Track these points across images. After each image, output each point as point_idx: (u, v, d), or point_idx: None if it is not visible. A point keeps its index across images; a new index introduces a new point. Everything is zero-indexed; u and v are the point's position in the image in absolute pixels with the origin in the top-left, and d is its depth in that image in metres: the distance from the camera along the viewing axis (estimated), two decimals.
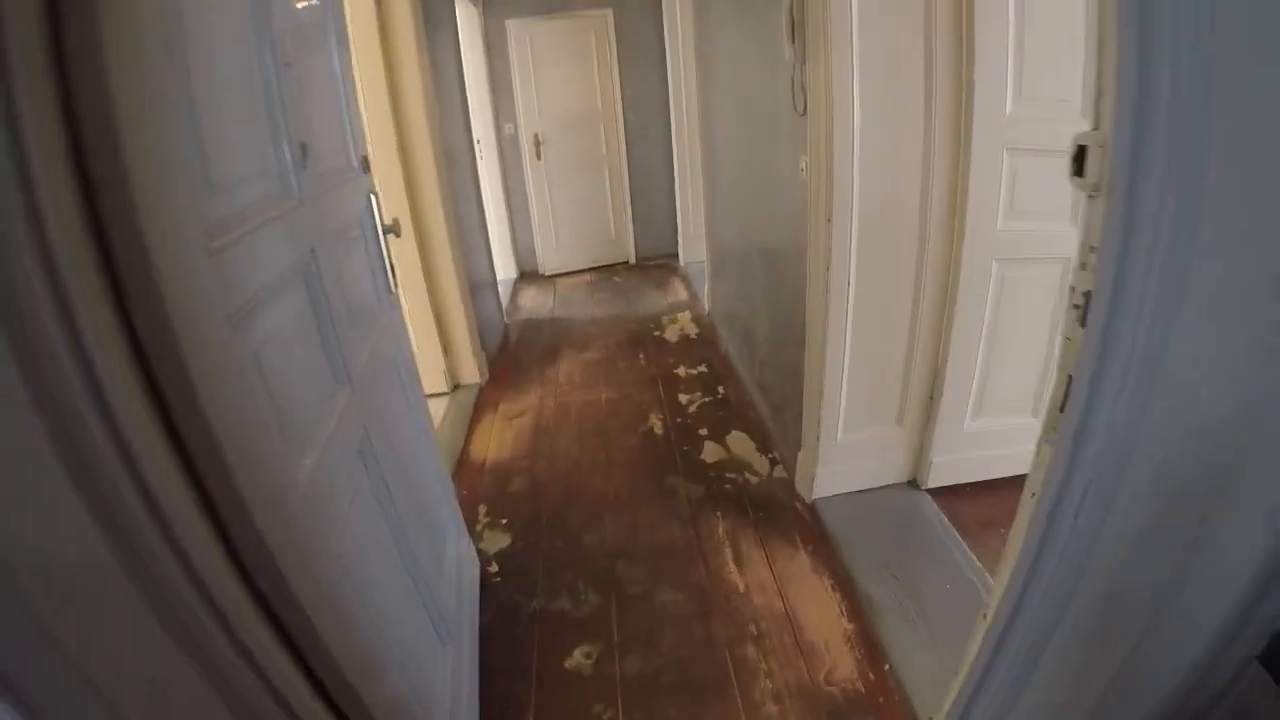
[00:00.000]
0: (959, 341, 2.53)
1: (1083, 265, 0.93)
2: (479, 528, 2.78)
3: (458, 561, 2.22)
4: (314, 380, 1.19)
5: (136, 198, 0.71)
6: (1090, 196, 0.91)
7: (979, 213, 2.31)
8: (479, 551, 2.62)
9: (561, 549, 2.64)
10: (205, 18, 0.92)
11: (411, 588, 1.65)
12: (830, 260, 2.30)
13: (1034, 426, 2.85)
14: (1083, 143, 0.91)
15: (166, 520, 0.75)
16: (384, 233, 1.74)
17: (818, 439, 2.66)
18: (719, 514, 2.78)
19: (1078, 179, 0.93)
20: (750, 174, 3.21)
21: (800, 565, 2.51)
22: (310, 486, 1.09)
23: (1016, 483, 2.77)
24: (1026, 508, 1.15)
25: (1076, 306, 0.96)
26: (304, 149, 1.17)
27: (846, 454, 2.73)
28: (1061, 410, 1.02)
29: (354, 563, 1.26)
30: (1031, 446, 2.66)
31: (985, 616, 1.33)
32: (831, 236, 2.26)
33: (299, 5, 1.33)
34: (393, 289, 1.81)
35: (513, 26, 5.21)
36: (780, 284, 2.93)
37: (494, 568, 2.57)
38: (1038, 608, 1.16)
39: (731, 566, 2.51)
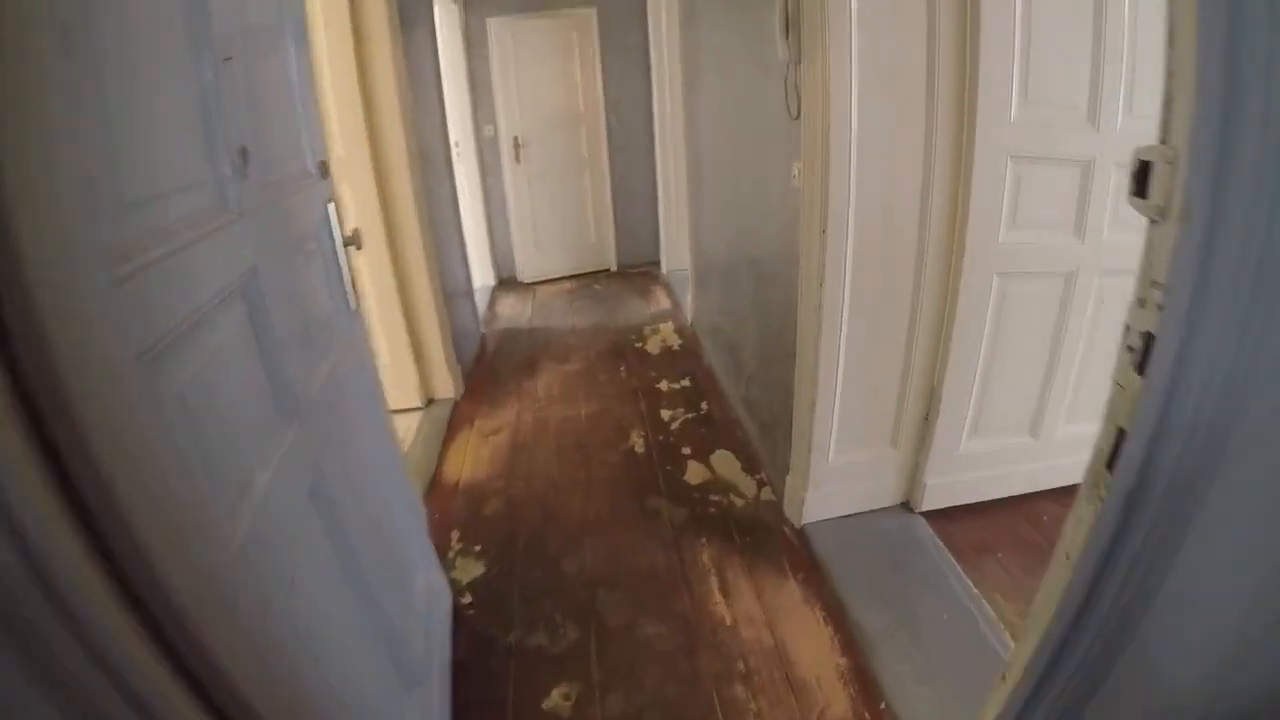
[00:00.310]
0: (957, 360, 2.43)
1: (1142, 302, 0.81)
2: (451, 555, 2.63)
3: (428, 595, 2.07)
4: (255, 418, 1.04)
5: (17, 222, 0.57)
6: (1154, 221, 0.78)
7: (981, 224, 2.20)
8: (451, 581, 2.47)
9: (539, 577, 2.50)
10: (121, 5, 0.78)
11: (373, 636, 1.51)
12: (824, 275, 2.18)
13: (1030, 446, 2.77)
14: (1146, 158, 0.78)
15: (69, 609, 0.61)
16: (344, 244, 1.59)
17: (808, 461, 2.54)
18: (704, 539, 2.65)
19: (1139, 200, 0.80)
20: (737, 181, 3.10)
21: (790, 595, 2.38)
22: (250, 542, 0.94)
23: (1010, 504, 2.72)
24: (1060, 572, 1.02)
25: (1131, 349, 0.83)
26: (244, 155, 1.03)
27: (838, 477, 2.61)
28: (1109, 467, 0.89)
29: (304, 620, 1.12)
30: (1029, 467, 2.54)
31: (1004, 679, 1.21)
32: (826, 249, 2.14)
33: None
34: (353, 306, 1.66)
35: (494, 25, 5.06)
36: (769, 298, 2.81)
37: (467, 598, 2.42)
38: (1070, 678, 1.04)
39: (718, 596, 2.38)
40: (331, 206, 1.56)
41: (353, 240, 1.65)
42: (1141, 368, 0.81)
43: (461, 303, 4.25)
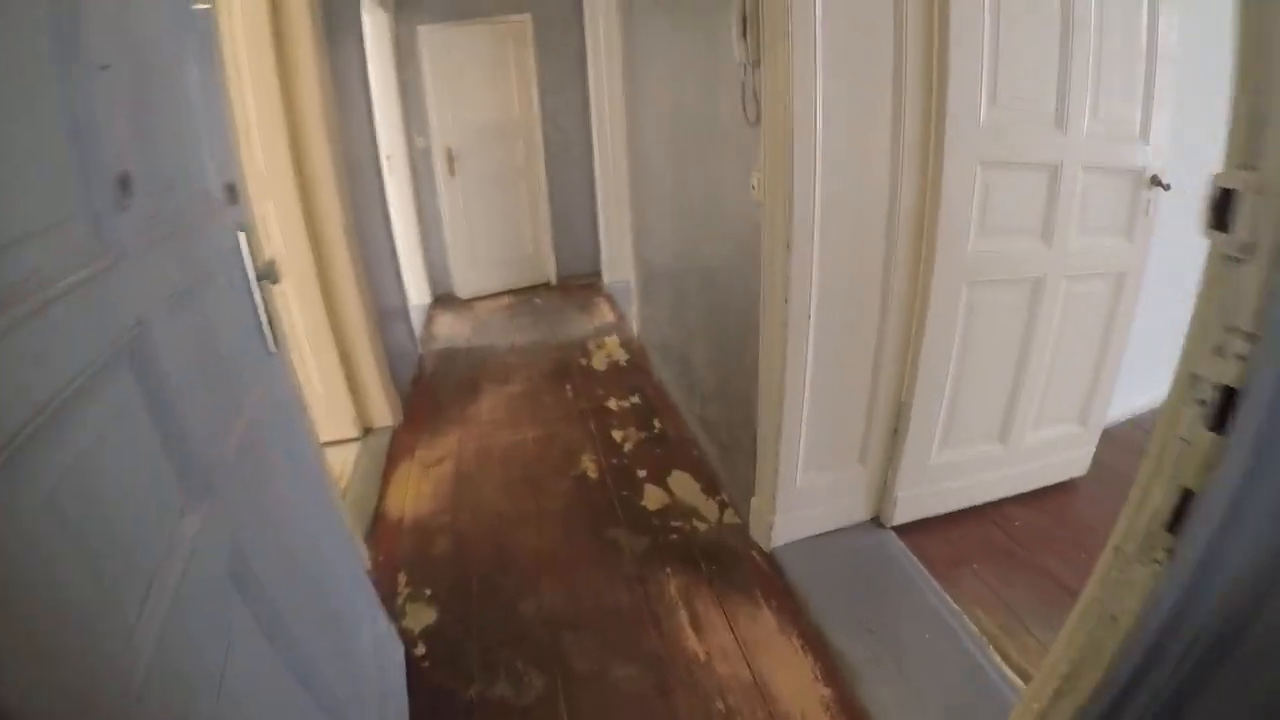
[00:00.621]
0: (926, 372, 2.35)
1: (1218, 350, 0.69)
2: (400, 600, 2.42)
3: (376, 652, 1.87)
4: (155, 504, 0.85)
5: None
6: (1237, 259, 0.66)
7: (950, 232, 2.11)
8: (401, 630, 2.26)
9: (496, 622, 2.31)
10: None
11: (319, 714, 1.31)
12: (789, 292, 2.05)
13: (999, 454, 2.70)
14: (1229, 185, 0.65)
15: None
16: (257, 279, 1.39)
17: (775, 485, 2.41)
18: (668, 569, 2.50)
19: (1218, 234, 0.68)
20: (686, 191, 2.96)
21: (764, 625, 2.26)
22: (161, 656, 0.76)
23: (980, 512, 2.62)
24: (1106, 633, 0.90)
25: (1202, 402, 0.71)
26: (125, 182, 0.83)
27: (806, 498, 2.50)
28: (1171, 530, 0.78)
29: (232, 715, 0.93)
30: (997, 474, 2.46)
31: None
32: (790, 265, 2.02)
33: None
34: (272, 348, 1.45)
35: (425, 32, 4.82)
36: (725, 313, 2.68)
37: (420, 649, 2.21)
38: None
39: (689, 631, 2.24)
40: (242, 236, 1.36)
41: (268, 274, 1.44)
42: (1218, 425, 0.68)
43: (397, 323, 4.02)
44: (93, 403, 0.74)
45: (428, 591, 2.45)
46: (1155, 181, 2.38)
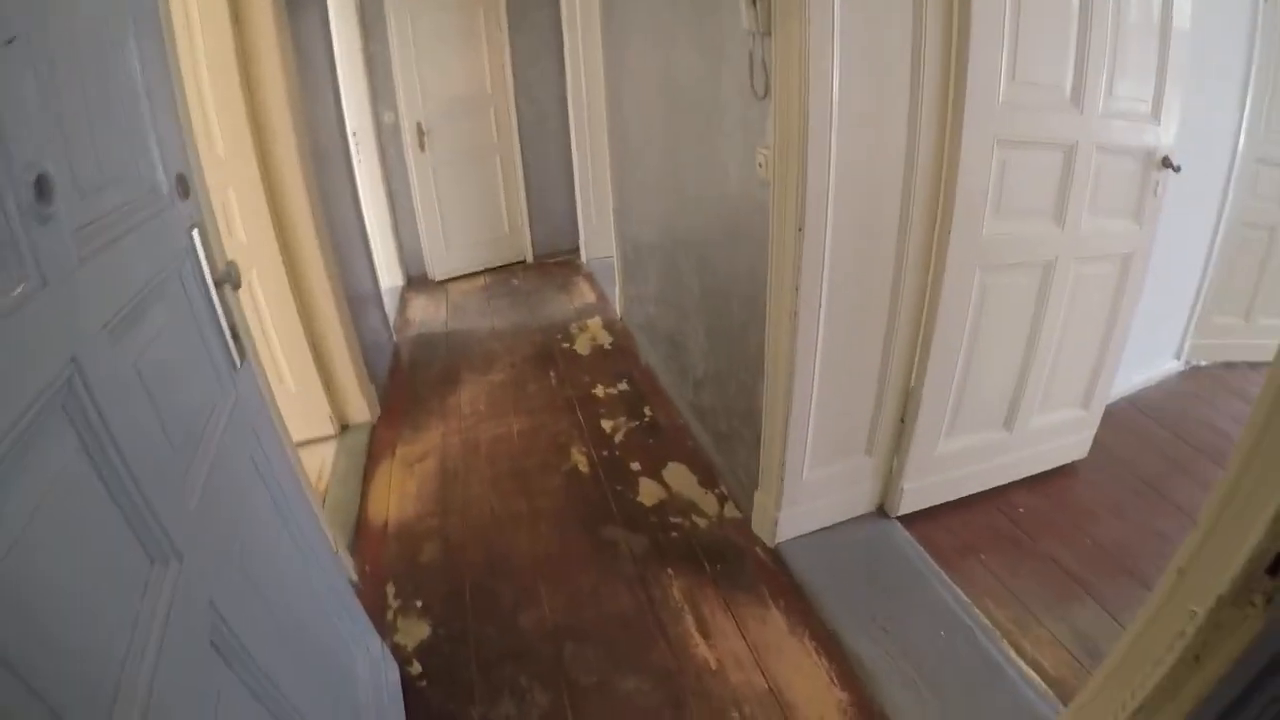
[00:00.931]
0: (937, 359, 2.24)
1: None
2: (390, 615, 2.27)
3: (371, 676, 1.73)
4: (115, 578, 0.70)
5: None
6: None
7: (966, 213, 1.99)
8: (394, 647, 2.12)
9: (494, 635, 2.17)
10: None
11: None
12: (800, 279, 1.92)
13: (1005, 440, 2.60)
14: None
15: None
16: (215, 285, 1.22)
17: (781, 480, 2.30)
18: (670, 571, 2.38)
19: None
20: (678, 167, 2.79)
21: (775, 627, 2.15)
22: None
23: (984, 498, 2.50)
24: (1190, 674, 0.80)
25: None
26: (44, 185, 0.66)
27: (812, 492, 2.39)
28: (1272, 573, 0.67)
29: None
30: (1002, 460, 2.37)
31: None
32: (802, 250, 1.87)
33: None
34: (238, 361, 1.29)
35: (392, 3, 4.55)
36: (724, 298, 2.54)
37: (415, 667, 2.07)
38: None
39: (697, 637, 2.13)
40: (196, 234, 1.18)
41: (228, 277, 1.26)
42: None
43: (370, 310, 3.82)
44: (23, 472, 0.59)
45: (419, 603, 2.30)
46: (1166, 163, 2.29)
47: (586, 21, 4.60)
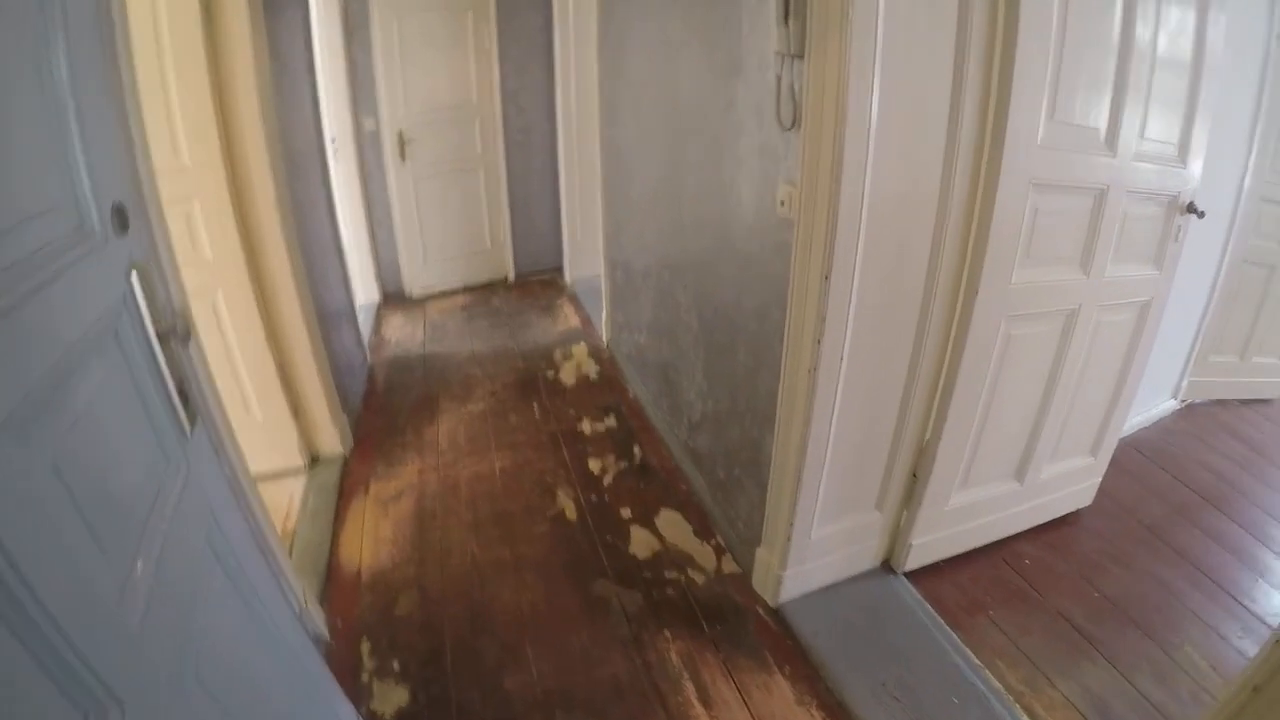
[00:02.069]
0: (956, 413, 2.12)
1: None
2: (365, 677, 2.07)
3: None
4: None
5: None
6: None
7: (997, 261, 1.88)
8: (370, 715, 1.94)
9: (478, 701, 1.99)
10: None
11: None
12: (824, 331, 1.77)
13: (1016, 491, 2.49)
14: None
15: None
16: (159, 338, 1.03)
17: (788, 539, 2.15)
18: (667, 632, 2.23)
19: None
20: (679, 192, 2.64)
21: (780, 696, 2.01)
22: None
23: (990, 551, 2.33)
24: None
25: None
26: None
27: (819, 550, 2.25)
28: None
29: None
30: (1011, 512, 2.43)
31: None
32: (828, 300, 1.73)
33: None
34: (188, 430, 1.10)
35: (377, 5, 4.34)
36: (729, 339, 2.39)
37: None
38: None
39: (698, 708, 1.98)
40: (136, 279, 1.00)
41: (171, 332, 1.08)
42: None
43: (344, 330, 3.61)
44: None
45: (396, 665, 2.11)
46: (1191, 209, 2.21)
47: (580, 29, 4.44)
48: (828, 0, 1.46)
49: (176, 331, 1.10)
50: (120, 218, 1.02)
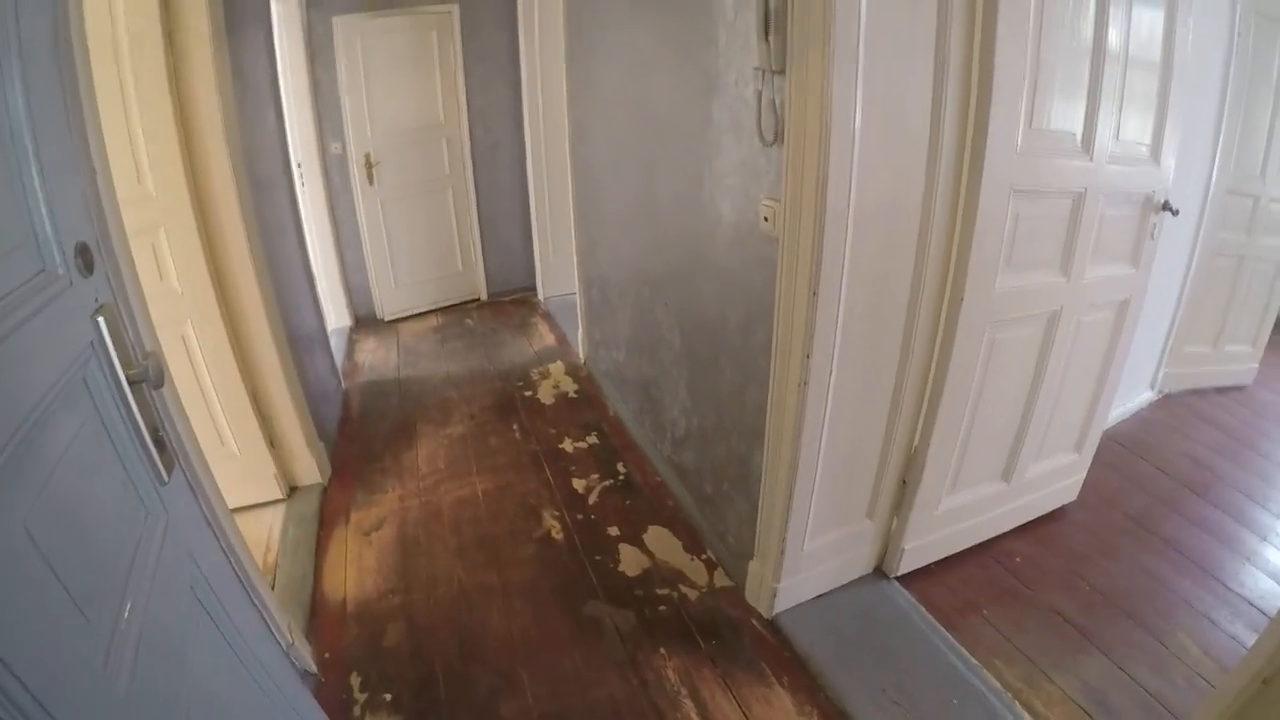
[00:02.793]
0: (944, 418, 2.13)
1: None
2: (356, 711, 2.01)
3: None
4: None
5: None
6: None
7: (981, 269, 1.88)
8: None
9: None
10: None
11: None
12: (812, 346, 1.76)
13: (1003, 491, 2.50)
14: None
15: None
16: (129, 386, 0.99)
17: (781, 552, 2.14)
18: (663, 650, 2.19)
19: None
20: (659, 212, 2.63)
21: (781, 708, 2.00)
22: None
23: (980, 551, 2.31)
24: None
25: None
26: None
27: (812, 560, 2.24)
28: None
29: None
30: (999, 511, 2.41)
31: None
32: (816, 316, 1.72)
33: None
34: (165, 477, 1.06)
35: (340, 25, 4.27)
36: (713, 354, 2.37)
37: None
38: None
39: None
40: (103, 322, 0.96)
41: (143, 374, 1.03)
42: None
43: (317, 356, 3.54)
44: None
45: (388, 697, 2.05)
46: (1165, 206, 2.25)
47: (546, 46, 4.43)
48: (809, 15, 1.46)
49: (149, 376, 1.05)
50: (85, 258, 0.97)
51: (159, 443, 1.07)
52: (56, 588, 0.69)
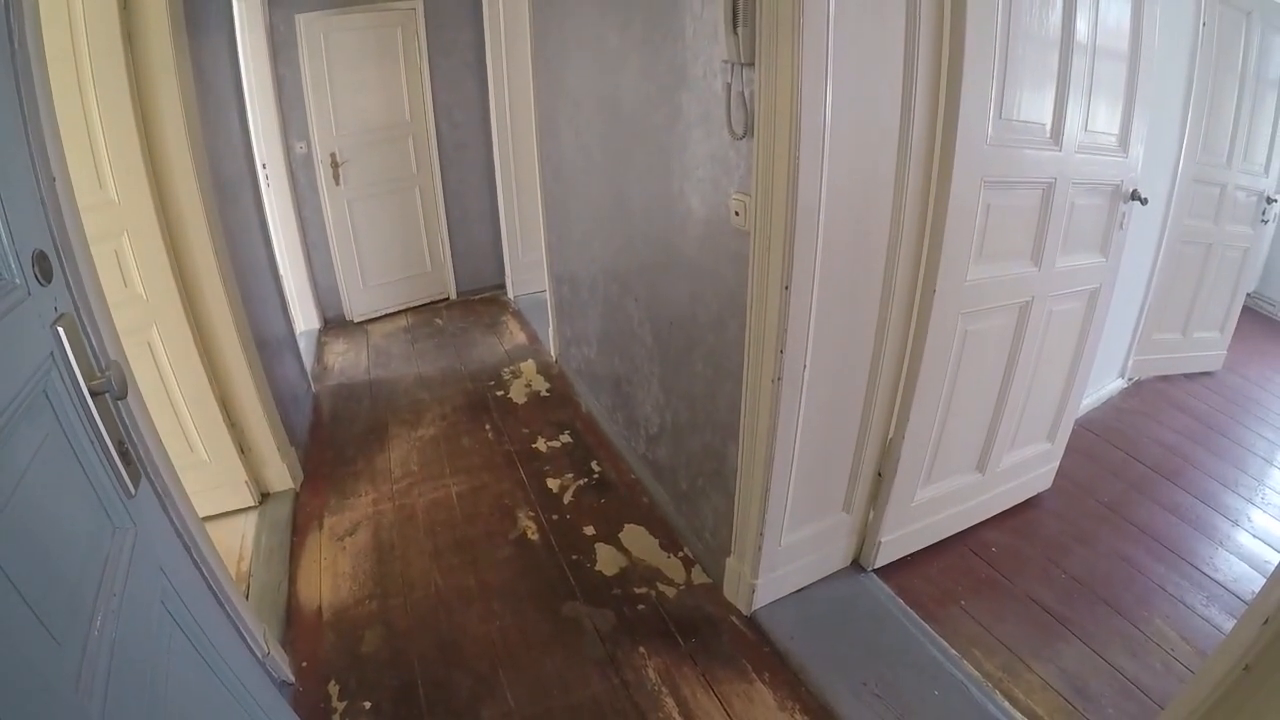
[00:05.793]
0: (919, 411, 2.14)
1: None
2: None
3: None
4: None
5: None
6: None
7: (952, 260, 1.89)
8: None
9: None
10: None
11: None
12: (786, 341, 1.76)
13: (978, 482, 2.53)
14: None
15: None
16: (90, 396, 0.96)
17: (759, 548, 2.14)
18: (643, 649, 2.18)
19: None
20: (629, 208, 2.61)
21: (762, 703, 2.00)
22: None
23: (956, 541, 2.32)
24: None
25: None
26: None
27: (789, 555, 2.24)
28: None
29: None
30: (974, 502, 2.44)
31: None
32: (789, 310, 1.72)
33: None
34: (132, 490, 1.02)
35: (304, 22, 4.18)
36: (686, 351, 2.36)
37: None
38: None
39: None
40: (62, 332, 0.92)
41: (106, 385, 1.00)
42: None
43: (286, 360, 3.48)
44: None
45: (367, 705, 2.02)
46: (1134, 196, 2.28)
47: (512, 42, 4.38)
48: (777, 7, 1.45)
49: (111, 388, 1.01)
50: (43, 266, 0.94)
51: (124, 455, 1.03)
52: (23, 610, 0.66)
